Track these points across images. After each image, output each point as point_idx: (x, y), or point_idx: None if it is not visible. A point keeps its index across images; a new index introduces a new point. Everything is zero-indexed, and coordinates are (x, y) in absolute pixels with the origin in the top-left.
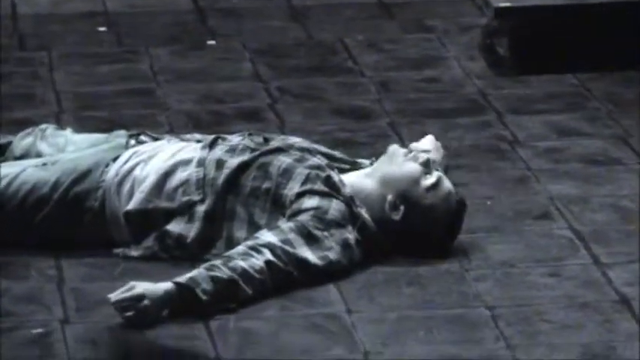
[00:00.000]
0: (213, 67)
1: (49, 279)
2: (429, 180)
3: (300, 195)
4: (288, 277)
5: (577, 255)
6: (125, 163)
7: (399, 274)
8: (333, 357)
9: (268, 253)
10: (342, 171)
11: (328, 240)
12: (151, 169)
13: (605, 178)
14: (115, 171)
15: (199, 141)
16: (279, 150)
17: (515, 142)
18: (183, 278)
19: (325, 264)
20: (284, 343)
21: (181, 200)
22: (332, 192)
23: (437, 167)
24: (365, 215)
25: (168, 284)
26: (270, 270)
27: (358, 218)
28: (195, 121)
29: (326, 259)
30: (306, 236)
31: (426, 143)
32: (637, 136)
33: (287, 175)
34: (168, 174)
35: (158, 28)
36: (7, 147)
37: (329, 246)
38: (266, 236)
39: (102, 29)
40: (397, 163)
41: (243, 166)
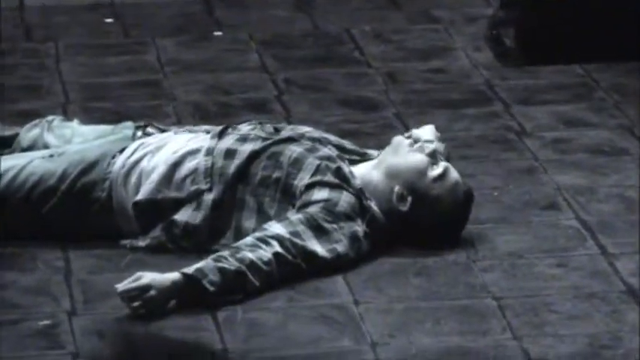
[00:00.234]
0: (219, 58)
1: (56, 271)
2: (436, 170)
3: (310, 186)
4: (295, 269)
5: (584, 245)
6: (132, 155)
7: (406, 265)
8: (340, 348)
9: (277, 245)
10: (352, 162)
11: (337, 233)
12: (158, 160)
13: (611, 169)
14: (122, 162)
15: (208, 132)
16: (291, 139)
17: (522, 132)
18: (190, 269)
19: (333, 257)
20: (291, 334)
21: (189, 190)
22: (342, 184)
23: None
24: (374, 208)
25: (175, 275)
26: (278, 262)
27: (368, 211)
28: (202, 113)
29: (334, 252)
30: (315, 228)
31: (428, 133)
32: None
33: (297, 165)
34: (177, 164)
35: (164, 19)
36: (14, 139)
37: (338, 239)
38: (275, 228)
39: (108, 20)
40: (403, 155)
41: (253, 155)
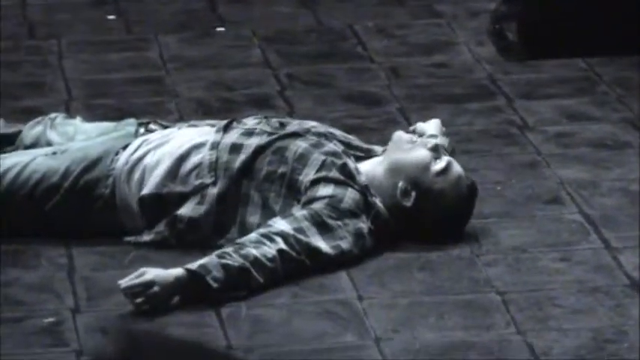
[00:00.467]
0: (222, 54)
1: (59, 268)
2: (439, 165)
3: (316, 182)
4: (299, 265)
5: (587, 239)
6: (135, 152)
7: (409, 260)
8: (344, 343)
9: (281, 242)
10: (357, 159)
11: (342, 229)
12: (162, 156)
13: (614, 162)
14: (125, 159)
15: (212, 125)
16: (296, 134)
17: (524, 126)
18: (194, 265)
19: (337, 253)
20: (295, 330)
21: (194, 184)
22: (347, 180)
23: (445, 152)
24: (379, 204)
25: (179, 271)
26: (283, 259)
27: (373, 207)
28: (205, 109)
29: (338, 249)
30: (320, 225)
31: (433, 127)
32: None
33: (303, 160)
34: (182, 159)
35: (167, 16)
36: (17, 136)
37: (342, 235)
38: (279, 224)
39: (111, 17)
40: (405, 150)
41: (259, 150)
